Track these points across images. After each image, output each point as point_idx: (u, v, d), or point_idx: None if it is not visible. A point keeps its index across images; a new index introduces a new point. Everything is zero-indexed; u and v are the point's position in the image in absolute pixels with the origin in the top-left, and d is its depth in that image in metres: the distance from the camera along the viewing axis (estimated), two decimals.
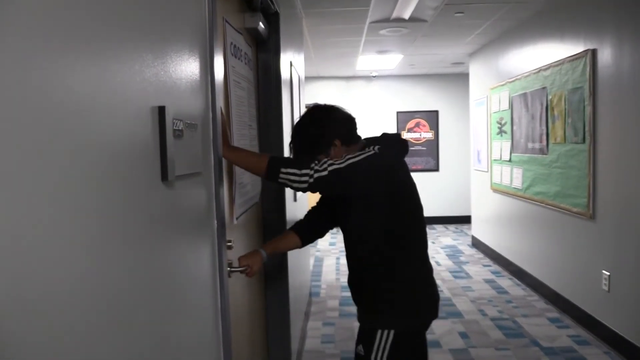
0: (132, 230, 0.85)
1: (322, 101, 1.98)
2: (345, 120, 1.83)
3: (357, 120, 1.88)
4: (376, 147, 1.74)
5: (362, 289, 1.81)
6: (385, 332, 1.72)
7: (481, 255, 6.44)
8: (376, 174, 1.69)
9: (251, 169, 1.73)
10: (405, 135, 8.70)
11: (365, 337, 1.77)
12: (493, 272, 5.64)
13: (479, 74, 6.59)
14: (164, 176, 0.98)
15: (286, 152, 2.91)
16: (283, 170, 1.64)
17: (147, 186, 0.92)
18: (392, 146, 1.80)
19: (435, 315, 1.83)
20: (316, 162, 1.68)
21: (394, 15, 4.78)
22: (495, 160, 5.91)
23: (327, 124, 1.79)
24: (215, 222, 1.38)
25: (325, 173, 1.63)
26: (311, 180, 1.63)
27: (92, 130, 0.71)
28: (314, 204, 2.03)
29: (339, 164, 1.66)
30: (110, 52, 0.77)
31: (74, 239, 0.66)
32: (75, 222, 0.66)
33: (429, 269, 1.84)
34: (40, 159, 0.59)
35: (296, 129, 1.85)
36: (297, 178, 1.64)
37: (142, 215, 0.89)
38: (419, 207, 1.83)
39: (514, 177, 5.29)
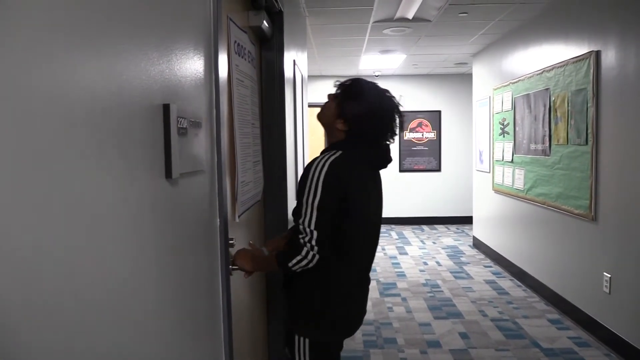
0: (136, 227, 0.85)
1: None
2: (369, 112, 1.71)
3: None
4: (332, 157, 1.62)
5: (292, 291, 1.74)
6: (302, 338, 1.70)
7: (482, 256, 6.43)
8: (330, 186, 1.59)
9: (273, 272, 1.74)
10: (408, 135, 8.70)
11: (288, 339, 1.76)
12: (494, 273, 5.63)
13: (482, 74, 6.59)
14: (168, 174, 0.98)
15: (288, 152, 2.91)
16: (290, 264, 1.61)
17: (151, 184, 0.92)
18: (359, 157, 1.69)
19: (350, 333, 1.78)
20: (300, 233, 1.59)
21: (398, 14, 4.78)
22: (497, 161, 5.90)
23: (354, 100, 1.74)
24: (218, 220, 1.39)
25: (315, 234, 1.57)
26: (315, 250, 1.57)
27: (97, 127, 0.72)
28: None
29: (310, 214, 1.57)
30: (115, 49, 0.78)
31: (78, 237, 0.66)
32: (80, 219, 0.67)
33: (363, 285, 1.79)
34: (43, 157, 0.59)
35: (346, 86, 1.83)
36: (307, 261, 1.59)
37: (146, 212, 0.89)
38: (368, 223, 1.72)
39: (516, 178, 5.28)
